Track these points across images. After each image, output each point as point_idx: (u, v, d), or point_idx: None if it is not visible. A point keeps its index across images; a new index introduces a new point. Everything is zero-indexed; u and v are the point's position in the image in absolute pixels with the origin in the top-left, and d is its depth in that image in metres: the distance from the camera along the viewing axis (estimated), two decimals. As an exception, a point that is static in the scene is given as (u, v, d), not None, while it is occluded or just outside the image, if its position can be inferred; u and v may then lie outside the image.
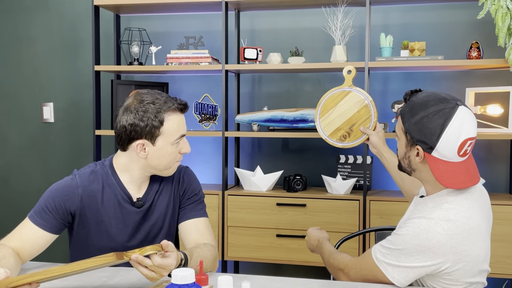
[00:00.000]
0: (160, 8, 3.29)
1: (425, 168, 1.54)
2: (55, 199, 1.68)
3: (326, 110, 2.19)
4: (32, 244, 1.65)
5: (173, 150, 1.69)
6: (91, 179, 1.73)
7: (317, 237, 1.97)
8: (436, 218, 1.45)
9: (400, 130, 1.58)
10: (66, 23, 3.68)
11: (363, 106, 2.14)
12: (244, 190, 3.14)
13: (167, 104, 1.66)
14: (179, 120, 1.69)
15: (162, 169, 1.72)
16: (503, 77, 3.04)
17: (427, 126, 1.47)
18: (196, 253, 1.61)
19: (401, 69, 3.11)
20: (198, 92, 3.44)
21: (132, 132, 1.65)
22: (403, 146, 1.57)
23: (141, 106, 1.64)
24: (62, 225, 1.71)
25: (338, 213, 2.93)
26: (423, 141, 1.49)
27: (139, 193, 1.76)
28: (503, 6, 2.58)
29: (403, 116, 1.55)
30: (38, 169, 3.77)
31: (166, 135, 1.66)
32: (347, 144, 2.18)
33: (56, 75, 3.71)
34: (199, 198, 1.85)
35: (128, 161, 1.72)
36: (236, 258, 3.10)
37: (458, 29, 3.15)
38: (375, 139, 2.08)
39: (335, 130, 2.18)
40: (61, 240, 2.10)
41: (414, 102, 1.53)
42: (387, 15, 3.24)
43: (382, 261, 1.51)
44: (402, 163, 1.61)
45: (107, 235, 1.73)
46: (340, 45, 2.97)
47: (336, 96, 2.18)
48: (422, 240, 1.44)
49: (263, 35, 3.41)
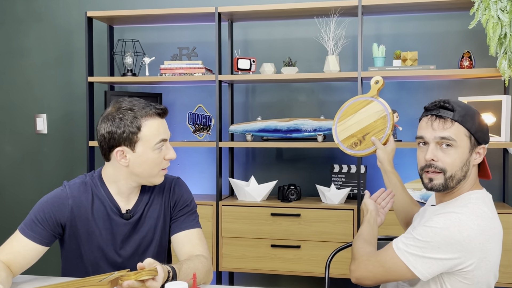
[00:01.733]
0: (153, 19, 3.30)
1: (473, 171, 1.60)
2: (45, 210, 1.68)
3: (346, 115, 2.19)
4: (23, 256, 1.64)
5: (156, 156, 1.67)
6: (81, 190, 1.72)
7: (367, 209, 1.82)
8: (467, 213, 1.48)
9: (462, 137, 1.54)
10: (59, 35, 3.68)
11: (381, 117, 2.10)
12: (239, 200, 3.14)
13: (144, 110, 1.64)
14: (158, 124, 1.67)
15: (147, 176, 1.69)
16: (495, 86, 3.06)
17: (484, 124, 1.59)
18: (186, 265, 1.60)
19: (394, 79, 3.13)
20: (191, 102, 3.45)
21: (110, 140, 1.64)
22: (465, 153, 1.55)
23: (118, 113, 1.64)
24: (52, 237, 1.70)
25: (332, 223, 2.93)
26: (485, 139, 1.59)
27: (128, 205, 1.75)
28: (494, 16, 2.60)
29: (464, 122, 1.54)
30: (32, 180, 3.75)
31: (145, 140, 1.64)
32: (356, 152, 2.15)
33: (49, 87, 3.70)
34: (191, 209, 1.83)
35: (113, 172, 1.71)
36: (231, 269, 3.08)
37: (450, 38, 3.17)
38: (381, 154, 2.02)
39: (349, 137, 2.17)
40: (53, 252, 2.10)
41: (461, 107, 1.57)
42: (379, 25, 3.26)
43: (404, 251, 1.49)
44: (459, 172, 1.55)
45: (98, 246, 1.72)
46: (333, 55, 2.98)
47: (358, 104, 2.18)
48: (453, 232, 1.45)
49: (256, 46, 3.43)
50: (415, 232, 1.50)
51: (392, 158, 2.03)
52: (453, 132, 1.53)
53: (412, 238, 1.49)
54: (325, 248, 2.93)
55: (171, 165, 3.46)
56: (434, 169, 1.57)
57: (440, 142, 1.55)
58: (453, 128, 1.54)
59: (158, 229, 1.78)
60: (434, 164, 1.57)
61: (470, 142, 1.54)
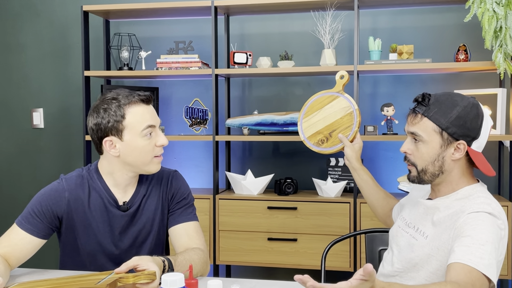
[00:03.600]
0: (149, 13, 3.30)
1: (456, 165, 1.56)
2: (42, 203, 1.69)
3: (311, 111, 2.13)
4: (20, 249, 1.65)
5: (145, 143, 1.67)
6: (77, 183, 1.73)
7: None
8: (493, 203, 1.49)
9: (430, 132, 1.54)
10: (55, 29, 3.67)
11: (347, 113, 2.06)
12: (235, 194, 3.15)
13: (127, 98, 1.66)
14: (143, 111, 1.67)
15: (140, 164, 1.70)
16: (491, 79, 3.07)
17: (467, 118, 1.52)
18: (182, 257, 1.61)
19: (390, 72, 3.14)
20: (188, 96, 3.45)
21: (98, 131, 1.66)
22: (436, 148, 1.54)
23: (102, 104, 1.66)
24: (49, 229, 1.71)
25: (328, 216, 2.95)
26: (467, 134, 1.52)
27: (125, 197, 1.76)
28: (489, 9, 2.61)
29: (434, 117, 1.53)
30: (29, 174, 3.75)
31: (130, 127, 1.65)
32: (323, 150, 2.09)
33: (46, 81, 3.70)
34: (188, 202, 1.84)
35: (108, 163, 1.72)
36: (228, 262, 3.10)
37: (445, 32, 3.18)
38: (349, 152, 1.98)
39: (315, 133, 2.10)
40: (51, 246, 2.10)
41: (440, 102, 1.54)
42: (376, 18, 3.27)
43: (483, 265, 1.37)
44: (431, 167, 1.56)
45: (95, 239, 1.73)
46: (329, 49, 2.98)
47: (324, 99, 2.12)
48: (496, 227, 1.44)
49: (252, 39, 3.43)
50: (473, 239, 1.40)
51: (360, 155, 2.00)
52: (420, 127, 1.56)
53: (478, 247, 1.38)
54: (321, 241, 2.95)
55: (168, 159, 3.47)
56: (408, 162, 1.63)
57: (412, 136, 1.60)
58: (420, 123, 1.56)
59: (155, 221, 1.79)
60: (407, 157, 1.62)
61: (441, 138, 1.53)
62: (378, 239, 2.15)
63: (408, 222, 1.67)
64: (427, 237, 1.55)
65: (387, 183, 3.18)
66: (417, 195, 1.76)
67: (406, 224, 1.67)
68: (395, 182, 3.09)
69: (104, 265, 1.74)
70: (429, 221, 1.58)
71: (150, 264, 1.43)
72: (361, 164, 2.00)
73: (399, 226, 1.71)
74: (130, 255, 1.72)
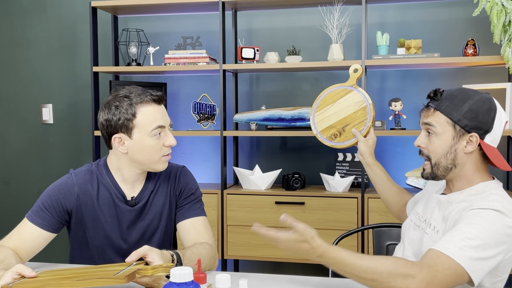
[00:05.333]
0: (157, 9, 3.30)
1: (470, 159, 1.55)
2: (51, 197, 1.71)
3: (324, 105, 2.10)
4: (31, 243, 1.68)
5: (154, 143, 1.68)
6: (86, 177, 1.75)
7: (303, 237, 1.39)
8: (504, 201, 1.46)
9: (443, 124, 1.54)
10: (64, 25, 3.69)
11: (361, 108, 2.03)
12: (243, 189, 3.16)
13: (140, 97, 1.67)
14: (154, 111, 1.68)
15: (147, 163, 1.71)
16: (499, 74, 3.06)
17: (480, 111, 1.51)
18: (190, 251, 1.63)
19: (398, 67, 3.13)
20: (196, 91, 3.46)
21: (108, 127, 1.68)
22: (448, 140, 1.54)
23: (114, 101, 1.67)
24: (59, 223, 1.73)
25: (336, 211, 2.95)
26: (479, 126, 1.51)
27: (133, 192, 1.78)
28: (498, 3, 2.59)
29: (446, 110, 1.53)
30: (38, 170, 3.78)
31: (140, 126, 1.66)
32: (336, 144, 2.07)
33: (54, 77, 3.72)
34: (196, 197, 1.86)
35: (116, 159, 1.74)
36: (236, 256, 3.11)
37: (454, 26, 3.16)
38: (362, 147, 1.97)
39: (328, 127, 2.08)
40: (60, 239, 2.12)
41: (453, 96, 1.54)
42: (383, 13, 3.26)
43: (461, 256, 1.35)
44: (443, 160, 1.55)
45: (103, 233, 1.75)
46: (337, 44, 2.98)
47: (337, 93, 2.09)
48: (499, 226, 1.40)
49: (260, 34, 3.43)
50: (461, 232, 1.38)
51: (373, 150, 1.99)
52: (434, 119, 1.56)
53: (463, 239, 1.36)
54: (329, 236, 2.95)
55: (176, 154, 3.48)
56: (422, 155, 1.62)
57: (426, 128, 1.59)
58: (434, 115, 1.56)
59: (163, 216, 1.80)
60: (422, 151, 1.62)
61: (454, 130, 1.53)
62: (385, 234, 2.15)
63: (420, 216, 1.67)
64: (438, 231, 1.55)
65: (395, 178, 3.16)
66: (432, 189, 1.75)
67: (418, 218, 1.67)
68: (403, 177, 3.09)
69: (113, 259, 1.75)
70: (440, 215, 1.58)
71: (156, 257, 1.45)
72: (374, 159, 1.99)
73: (411, 220, 1.71)
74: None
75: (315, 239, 1.38)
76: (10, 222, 3.72)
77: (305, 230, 1.38)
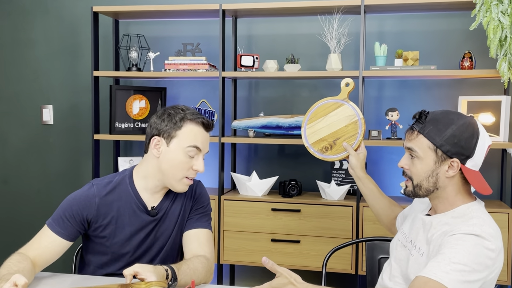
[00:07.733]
0: (158, 15, 3.33)
1: (451, 183, 1.59)
2: (73, 207, 1.78)
3: (315, 118, 2.14)
4: (50, 252, 1.75)
5: (184, 160, 1.76)
6: (107, 189, 1.82)
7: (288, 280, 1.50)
8: (485, 225, 1.49)
9: (425, 149, 1.58)
10: (65, 26, 3.72)
11: (352, 122, 2.07)
12: (240, 195, 3.19)
13: (193, 115, 1.77)
14: (199, 132, 1.77)
15: (170, 178, 1.78)
16: (495, 86, 3.09)
17: (462, 137, 1.55)
18: (186, 265, 1.68)
19: (395, 77, 3.16)
20: (195, 97, 3.49)
21: (153, 129, 1.77)
22: (430, 164, 1.58)
23: (170, 109, 1.78)
24: (78, 232, 1.80)
25: (331, 219, 2.99)
26: (461, 152, 1.55)
27: (154, 202, 1.85)
28: (495, 18, 2.62)
29: (429, 134, 1.57)
30: (38, 170, 3.82)
31: (180, 139, 1.75)
32: (327, 157, 2.11)
33: (55, 78, 3.75)
34: (206, 211, 1.94)
35: (146, 165, 1.81)
36: (232, 262, 3.15)
37: (451, 38, 3.19)
38: (353, 161, 2.02)
39: (319, 140, 2.12)
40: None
41: (437, 120, 1.58)
42: (382, 23, 3.28)
43: (449, 280, 1.40)
44: (425, 183, 1.60)
45: (120, 243, 1.82)
46: (336, 53, 3.01)
47: (328, 106, 2.12)
48: (483, 250, 1.44)
49: (259, 42, 3.46)
50: (445, 257, 1.43)
51: (364, 164, 2.04)
52: (416, 143, 1.60)
53: (448, 263, 1.42)
54: (324, 243, 3.00)
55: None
56: (405, 175, 1.67)
57: (409, 152, 1.64)
58: (416, 140, 1.60)
59: (176, 228, 1.88)
60: (405, 172, 1.67)
61: (436, 155, 1.57)
62: (378, 248, 2.19)
63: (406, 236, 1.71)
64: (423, 254, 1.59)
65: (391, 186, 3.22)
66: (418, 208, 1.79)
67: (405, 238, 1.71)
68: (398, 187, 3.13)
69: (126, 267, 1.81)
70: (424, 237, 1.62)
71: (148, 274, 1.49)
72: (365, 172, 2.03)
73: (398, 239, 1.75)
74: (148, 257, 1.83)
75: (298, 281, 1.49)
76: (9, 222, 3.76)
77: (289, 273, 1.49)
